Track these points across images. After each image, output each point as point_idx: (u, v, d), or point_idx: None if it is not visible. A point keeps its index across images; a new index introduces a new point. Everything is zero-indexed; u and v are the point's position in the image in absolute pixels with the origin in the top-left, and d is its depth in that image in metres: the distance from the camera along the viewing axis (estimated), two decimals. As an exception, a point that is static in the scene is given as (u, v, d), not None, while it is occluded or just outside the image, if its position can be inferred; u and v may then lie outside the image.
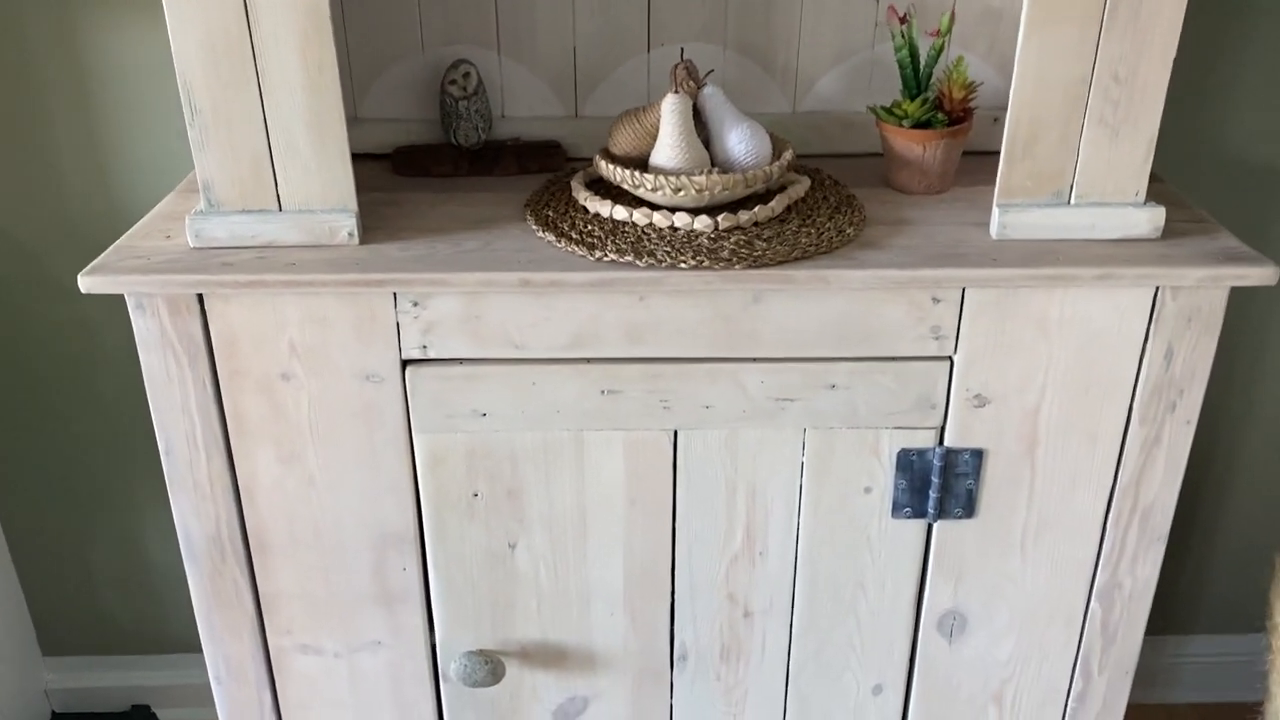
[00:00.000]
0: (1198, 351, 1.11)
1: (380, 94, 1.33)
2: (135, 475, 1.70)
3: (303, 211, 1.09)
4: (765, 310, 1.09)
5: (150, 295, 1.07)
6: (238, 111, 1.05)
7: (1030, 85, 1.05)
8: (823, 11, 1.30)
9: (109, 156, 1.48)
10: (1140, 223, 1.11)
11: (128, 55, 1.42)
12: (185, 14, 1.01)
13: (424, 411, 1.13)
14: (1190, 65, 1.44)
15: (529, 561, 1.22)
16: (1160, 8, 1.02)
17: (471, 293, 1.07)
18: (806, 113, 1.34)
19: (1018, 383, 1.13)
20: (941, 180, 1.23)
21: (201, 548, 1.20)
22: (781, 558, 1.22)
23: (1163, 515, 1.19)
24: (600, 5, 1.29)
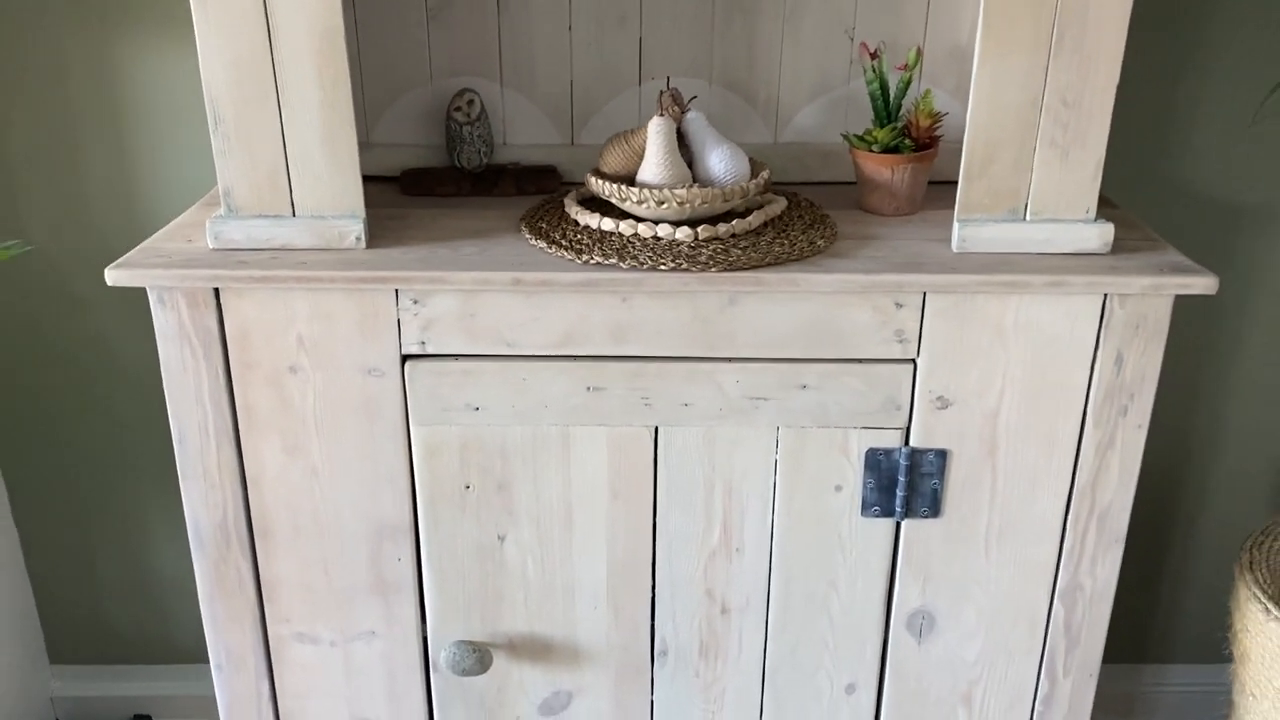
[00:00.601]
0: (1146, 357, 1.18)
1: (391, 121, 1.44)
2: (144, 489, 1.77)
3: (314, 217, 1.19)
4: (740, 312, 1.17)
5: (170, 289, 1.16)
6: (258, 124, 1.15)
7: (985, 108, 1.15)
8: (801, 49, 1.40)
9: (136, 177, 1.58)
10: (1091, 238, 1.19)
11: (157, 83, 1.53)
12: (214, 35, 1.11)
13: (421, 405, 1.21)
14: (1148, 102, 1.54)
15: (517, 554, 1.29)
16: (1103, 36, 1.11)
17: (468, 291, 1.16)
18: (786, 143, 1.44)
19: (977, 386, 1.20)
20: (910, 203, 1.32)
21: (208, 535, 1.27)
22: (757, 554, 1.29)
23: (1119, 517, 1.26)
24: (595, 41, 1.39)
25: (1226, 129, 1.55)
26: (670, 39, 1.39)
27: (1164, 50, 1.51)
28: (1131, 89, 1.51)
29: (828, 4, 1.38)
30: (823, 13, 1.38)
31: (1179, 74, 1.52)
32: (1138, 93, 1.52)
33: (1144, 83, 1.52)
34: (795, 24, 1.39)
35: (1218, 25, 1.49)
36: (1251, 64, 1.50)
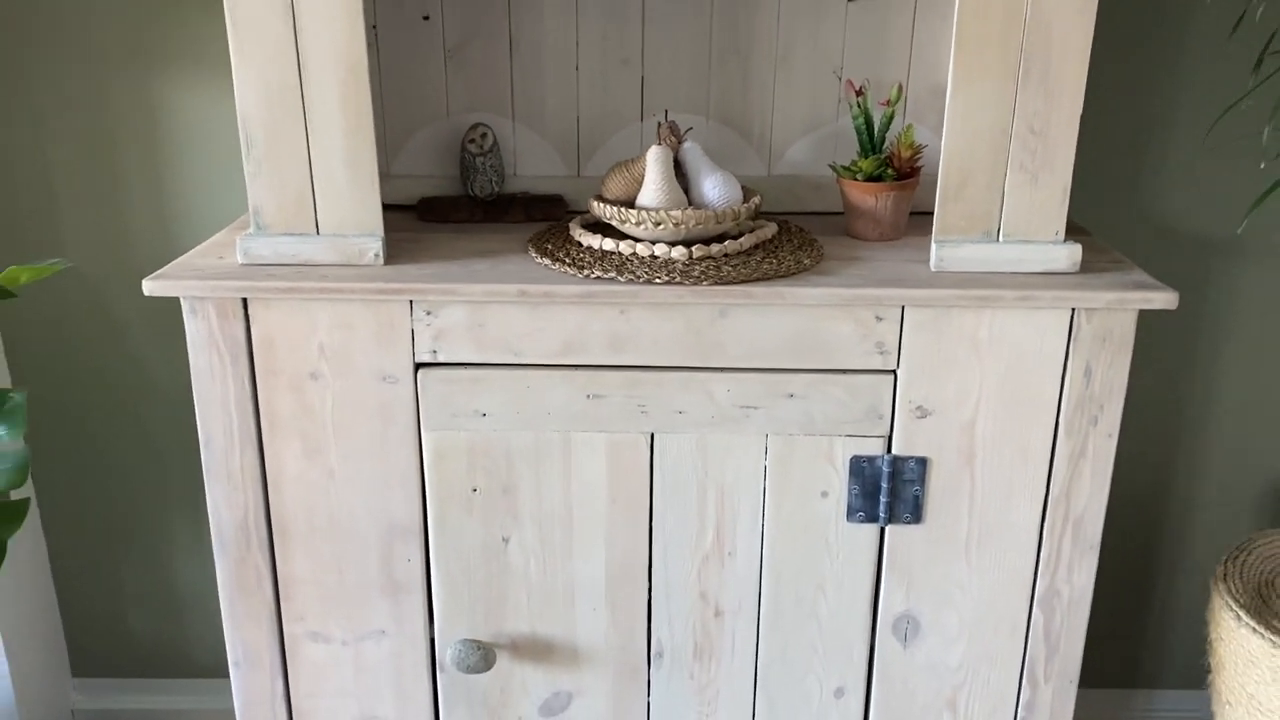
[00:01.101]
0: (1114, 369, 1.26)
1: (409, 154, 1.54)
2: (170, 506, 1.85)
3: (337, 235, 1.28)
4: (730, 324, 1.25)
5: (202, 299, 1.25)
6: (287, 148, 1.25)
7: (958, 136, 1.24)
8: (792, 88, 1.50)
9: (170, 205, 1.69)
10: (1060, 258, 1.27)
11: (192, 117, 1.64)
12: (249, 66, 1.22)
13: (432, 410, 1.29)
14: (1118, 131, 1.63)
15: (520, 555, 1.36)
16: (1066, 69, 1.21)
17: (477, 303, 1.24)
18: (779, 176, 1.53)
19: (954, 397, 1.27)
20: (894, 229, 1.40)
21: (230, 535, 1.35)
22: (748, 558, 1.35)
23: (1093, 525, 1.32)
24: (601, 80, 1.50)
25: (1193, 157, 1.63)
26: (670, 78, 1.50)
27: (1130, 81, 1.60)
28: (1100, 119, 1.60)
29: (817, 46, 1.48)
30: (812, 54, 1.48)
31: (1144, 105, 1.61)
32: (1107, 123, 1.61)
33: (1111, 113, 1.61)
34: (787, 64, 1.49)
35: (1181, 55, 1.59)
36: (1213, 91, 1.58)
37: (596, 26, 1.48)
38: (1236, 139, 1.57)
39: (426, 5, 1.47)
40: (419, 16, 1.48)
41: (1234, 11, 1.39)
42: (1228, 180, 1.63)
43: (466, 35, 1.49)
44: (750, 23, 1.48)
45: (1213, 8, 1.52)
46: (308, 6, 1.19)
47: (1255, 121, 1.51)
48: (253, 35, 1.20)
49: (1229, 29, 1.50)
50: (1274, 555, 1.50)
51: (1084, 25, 1.19)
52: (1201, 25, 1.55)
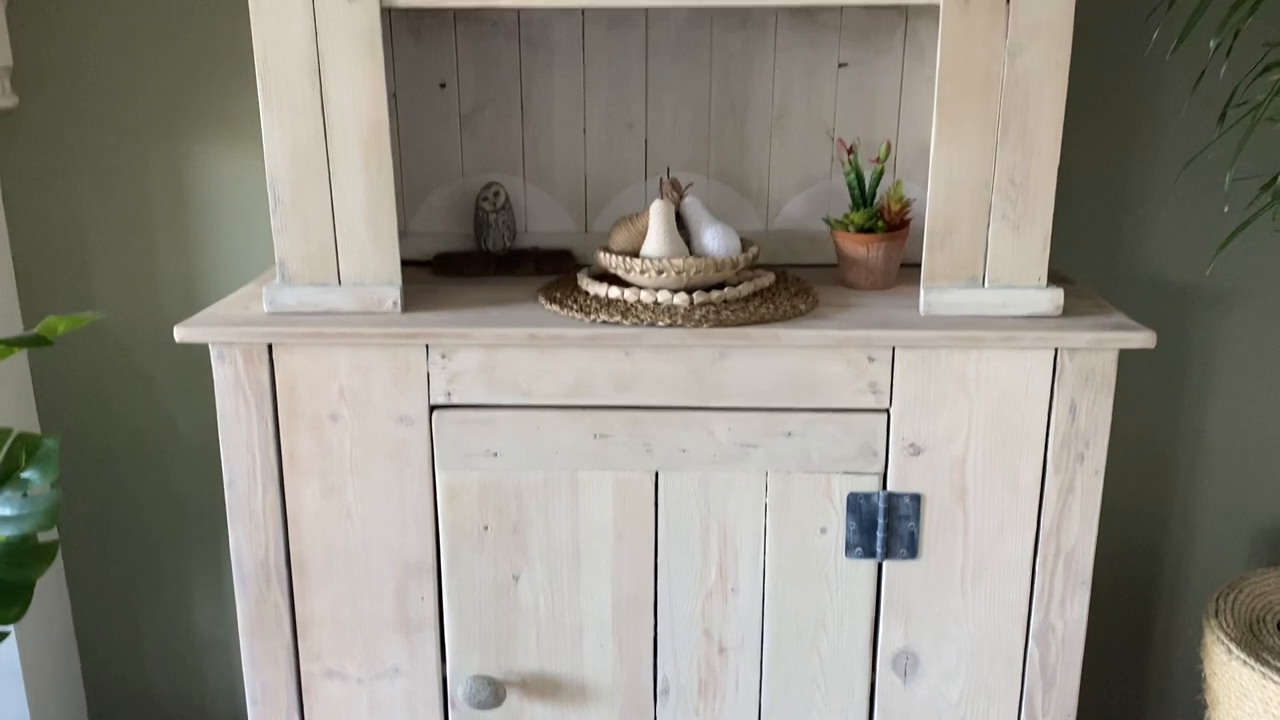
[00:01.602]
0: (1098, 407, 1.31)
1: (426, 213, 1.62)
2: (190, 555, 1.90)
3: (357, 285, 1.36)
4: (730, 365, 1.32)
5: (230, 345, 1.32)
6: (312, 204, 1.33)
7: (943, 188, 1.31)
8: (788, 148, 1.59)
9: (198, 264, 1.77)
10: (1043, 302, 1.34)
11: (221, 182, 1.74)
12: (278, 127, 1.31)
13: (446, 451, 1.35)
14: (1099, 186, 1.70)
15: (530, 593, 1.40)
16: (1042, 124, 1.29)
17: (489, 346, 1.31)
18: (776, 230, 1.61)
19: (945, 434, 1.33)
20: (885, 278, 1.48)
21: (251, 574, 1.40)
22: (751, 594, 1.40)
23: (1084, 559, 1.36)
24: (607, 142, 1.59)
25: (1167, 207, 1.70)
26: (671, 139, 1.58)
27: (1104, 136, 1.68)
28: (1078, 173, 1.68)
29: (810, 109, 1.57)
30: (806, 116, 1.57)
31: (1119, 158, 1.69)
32: (1085, 176, 1.68)
33: (1088, 166, 1.69)
34: (782, 126, 1.58)
35: (1152, 111, 1.67)
36: (1184, 144, 1.66)
37: (602, 92, 1.57)
38: (1208, 188, 1.64)
39: (443, 73, 1.57)
40: (436, 84, 1.58)
41: (1200, 68, 1.47)
42: (1200, 227, 1.69)
43: (481, 101, 1.58)
44: (747, 87, 1.57)
45: (1180, 67, 1.60)
46: (333, 72, 1.29)
47: (1224, 171, 1.58)
48: (282, 99, 1.30)
49: (1201, 83, 1.58)
50: (1265, 593, 1.53)
51: (1057, 83, 1.28)
52: (1169, 82, 1.64)
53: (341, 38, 1.28)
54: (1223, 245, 1.27)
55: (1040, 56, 1.27)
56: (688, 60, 1.56)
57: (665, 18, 1.55)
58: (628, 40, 1.56)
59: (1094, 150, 1.68)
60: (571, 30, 1.56)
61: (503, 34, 1.56)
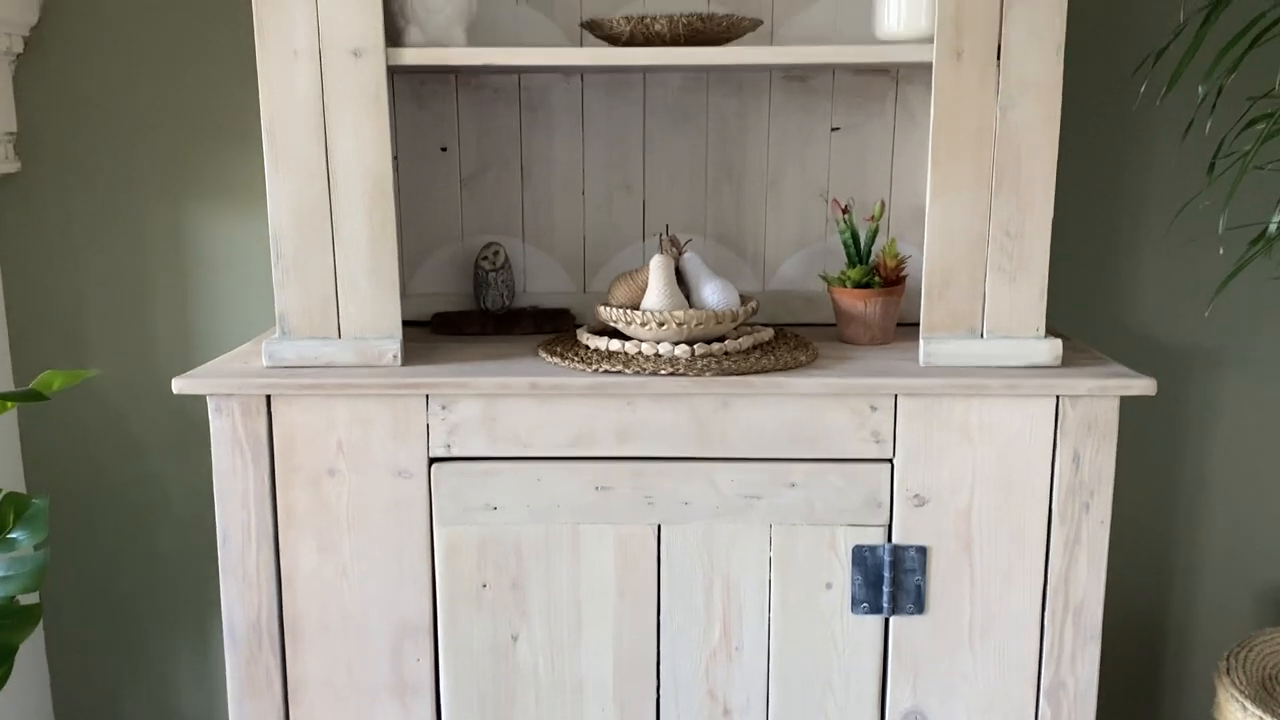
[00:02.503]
0: (1101, 456, 1.31)
1: (425, 274, 1.63)
2: (176, 625, 1.85)
3: (358, 338, 1.35)
4: (732, 415, 1.31)
5: (228, 397, 1.31)
6: (314, 257, 1.34)
7: (939, 240, 1.33)
8: (783, 209, 1.61)
9: (195, 329, 1.76)
10: (1041, 352, 1.34)
11: (219, 244, 1.74)
12: (283, 181, 1.32)
13: (445, 505, 1.33)
14: (1101, 254, 1.73)
15: (529, 653, 1.37)
16: (1035, 176, 1.31)
17: (490, 396, 1.31)
18: (773, 290, 1.62)
19: (950, 484, 1.32)
20: (883, 333, 1.48)
21: (242, 634, 1.36)
22: (755, 653, 1.37)
23: (1093, 613, 1.34)
24: (605, 204, 1.61)
25: (1163, 258, 1.71)
26: (669, 201, 1.61)
27: (1098, 186, 1.71)
28: (1072, 227, 1.70)
29: (805, 172, 1.60)
30: (800, 178, 1.60)
31: (1113, 210, 1.71)
32: (1079, 231, 1.71)
33: (1083, 220, 1.71)
34: (777, 188, 1.61)
35: (1143, 163, 1.70)
36: (1178, 195, 1.68)
37: (601, 155, 1.60)
38: (1200, 241, 1.66)
39: (445, 137, 1.60)
40: (438, 148, 1.60)
41: (1185, 121, 1.50)
42: (1193, 281, 1.70)
43: (482, 164, 1.61)
44: (742, 150, 1.60)
45: (1167, 121, 1.63)
46: (339, 127, 1.31)
47: (1214, 220, 1.59)
48: (287, 153, 1.31)
49: (1189, 136, 1.60)
50: (1275, 652, 1.51)
51: (1049, 137, 1.31)
52: (1156, 137, 1.66)
53: (347, 93, 1.30)
54: (1221, 285, 1.28)
55: (1032, 111, 1.30)
56: (685, 124, 1.60)
57: (662, 83, 1.59)
58: (626, 104, 1.59)
59: (1085, 204, 1.70)
60: (571, 95, 1.59)
61: (503, 99, 1.59)
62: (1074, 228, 1.69)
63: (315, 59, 1.29)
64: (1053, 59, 1.29)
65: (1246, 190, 1.33)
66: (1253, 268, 1.38)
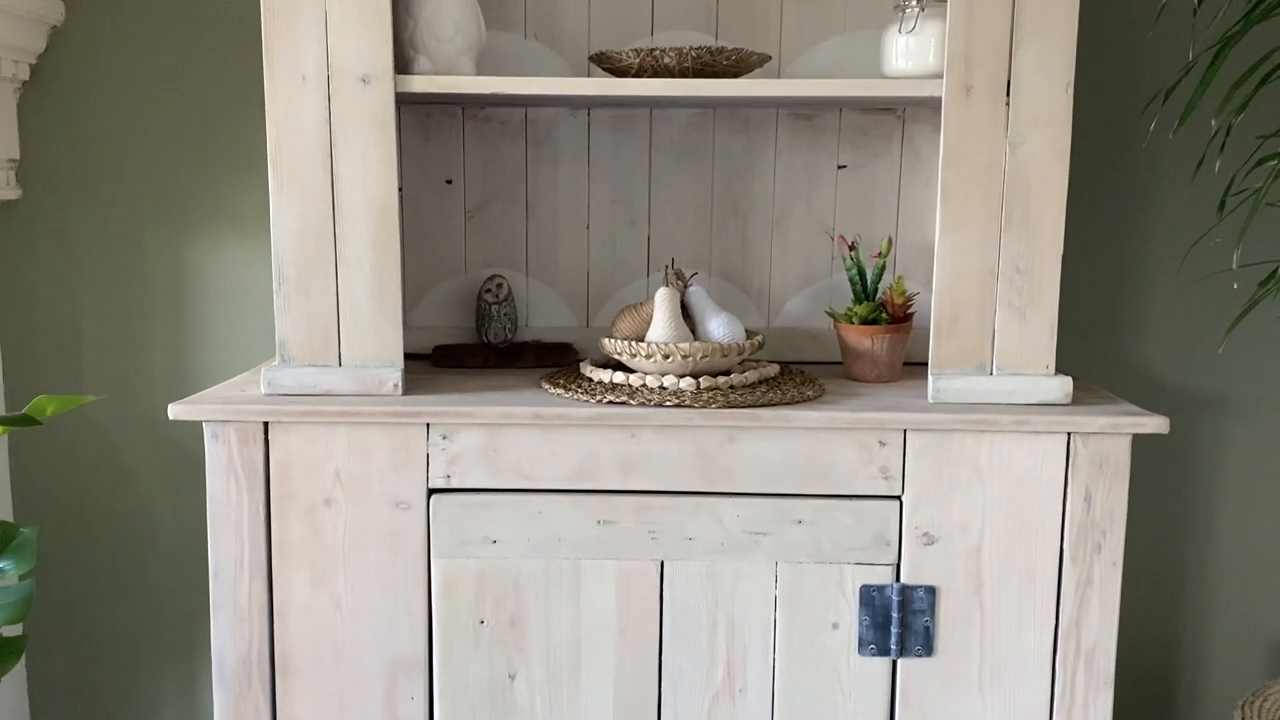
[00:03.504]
0: (1114, 496, 1.29)
1: (428, 306, 1.62)
2: (164, 669, 1.80)
3: (358, 367, 1.33)
4: (738, 449, 1.29)
5: (225, 423, 1.28)
6: (317, 283, 1.32)
7: (948, 275, 1.32)
8: (789, 247, 1.60)
9: (190, 363, 1.74)
10: (1052, 389, 1.33)
11: (219, 273, 1.72)
12: (287, 205, 1.31)
13: (443, 537, 1.30)
14: (1113, 296, 1.72)
15: (526, 693, 1.33)
16: (1045, 212, 1.30)
17: (492, 425, 1.28)
18: (779, 328, 1.61)
19: (960, 523, 1.30)
20: (890, 370, 1.47)
21: (232, 670, 1.32)
22: (759, 696, 1.33)
23: (1106, 658, 1.31)
24: (609, 238, 1.60)
25: (1175, 297, 1.70)
26: (674, 237, 1.60)
27: (1108, 226, 1.70)
28: (1083, 268, 1.69)
29: (810, 209, 1.60)
30: (806, 215, 1.60)
31: (1123, 249, 1.70)
32: (1090, 271, 1.69)
33: (1094, 260, 1.70)
34: (783, 226, 1.60)
35: (1153, 202, 1.70)
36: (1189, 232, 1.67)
37: (606, 190, 1.59)
38: (1213, 276, 1.64)
39: (450, 170, 1.59)
40: (443, 180, 1.60)
41: (1195, 160, 1.49)
42: (1206, 323, 1.68)
43: (486, 197, 1.60)
44: (748, 187, 1.59)
45: (1178, 161, 1.62)
46: (345, 153, 1.30)
47: (1227, 258, 1.57)
48: (293, 179, 1.30)
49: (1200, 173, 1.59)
50: (1291, 702, 1.48)
51: (1059, 174, 1.30)
52: (1166, 176, 1.66)
53: (355, 119, 1.29)
54: (1233, 324, 1.27)
55: (1041, 147, 1.30)
56: (691, 160, 1.59)
57: (669, 119, 1.59)
58: (632, 140, 1.59)
59: (1096, 241, 1.69)
60: (577, 130, 1.59)
61: (510, 133, 1.59)
62: (1084, 265, 1.69)
63: (324, 84, 1.29)
64: (1062, 96, 1.29)
65: (1256, 229, 1.32)
66: (1264, 307, 1.37)
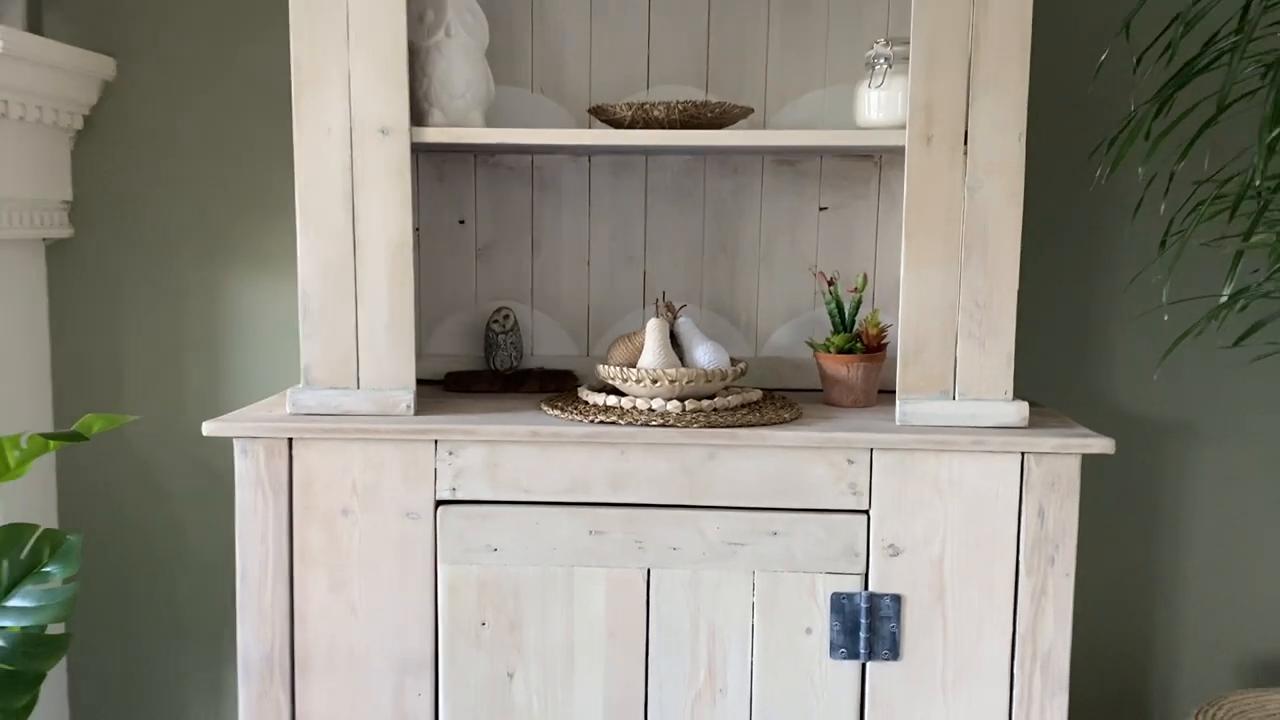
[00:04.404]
0: (1065, 511, 1.39)
1: (441, 336, 1.75)
2: (190, 672, 1.93)
3: (375, 389, 1.47)
4: (718, 466, 1.41)
5: (254, 439, 1.42)
6: (338, 314, 1.46)
7: (913, 308, 1.44)
8: (774, 282, 1.73)
9: (222, 387, 1.88)
10: (1009, 413, 1.44)
11: (249, 307, 1.87)
12: (312, 243, 1.45)
13: (449, 545, 1.43)
14: (1069, 329, 1.83)
15: (524, 691, 1.45)
16: (1001, 251, 1.42)
17: (494, 442, 1.41)
18: (765, 357, 1.73)
19: (923, 536, 1.41)
20: (865, 396, 1.58)
21: (256, 668, 1.45)
22: (739, 696, 1.44)
23: (1060, 662, 1.41)
24: (609, 273, 1.73)
25: (1127, 331, 1.80)
26: (668, 272, 1.73)
27: (1063, 266, 1.81)
28: (1045, 302, 1.80)
29: (794, 248, 1.72)
30: (790, 253, 1.72)
31: (1078, 288, 1.81)
32: (1047, 309, 1.80)
33: (1051, 299, 1.81)
34: (769, 262, 1.73)
35: (1109, 244, 1.81)
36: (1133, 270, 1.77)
37: (605, 229, 1.73)
38: (1160, 311, 1.75)
39: (463, 211, 1.74)
40: (455, 220, 1.74)
41: (1148, 199, 1.60)
42: (1160, 348, 1.77)
43: (495, 236, 1.74)
44: (737, 227, 1.72)
45: (1130, 197, 1.72)
46: (365, 197, 1.44)
47: (1177, 296, 1.67)
48: (318, 220, 1.44)
49: (1150, 215, 1.69)
50: (1243, 711, 1.57)
51: (1013, 215, 1.42)
52: (1119, 212, 1.76)
53: (374, 168, 1.44)
54: (1165, 354, 1.38)
55: (996, 192, 1.42)
56: (684, 202, 1.73)
57: (663, 165, 1.72)
58: (629, 184, 1.73)
59: (1056, 278, 1.80)
60: (579, 175, 1.73)
61: (517, 178, 1.73)
62: (1048, 300, 1.80)
63: (346, 135, 1.43)
64: (1014, 145, 1.41)
65: (1203, 263, 1.43)
66: (1217, 335, 1.46)
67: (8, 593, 1.50)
